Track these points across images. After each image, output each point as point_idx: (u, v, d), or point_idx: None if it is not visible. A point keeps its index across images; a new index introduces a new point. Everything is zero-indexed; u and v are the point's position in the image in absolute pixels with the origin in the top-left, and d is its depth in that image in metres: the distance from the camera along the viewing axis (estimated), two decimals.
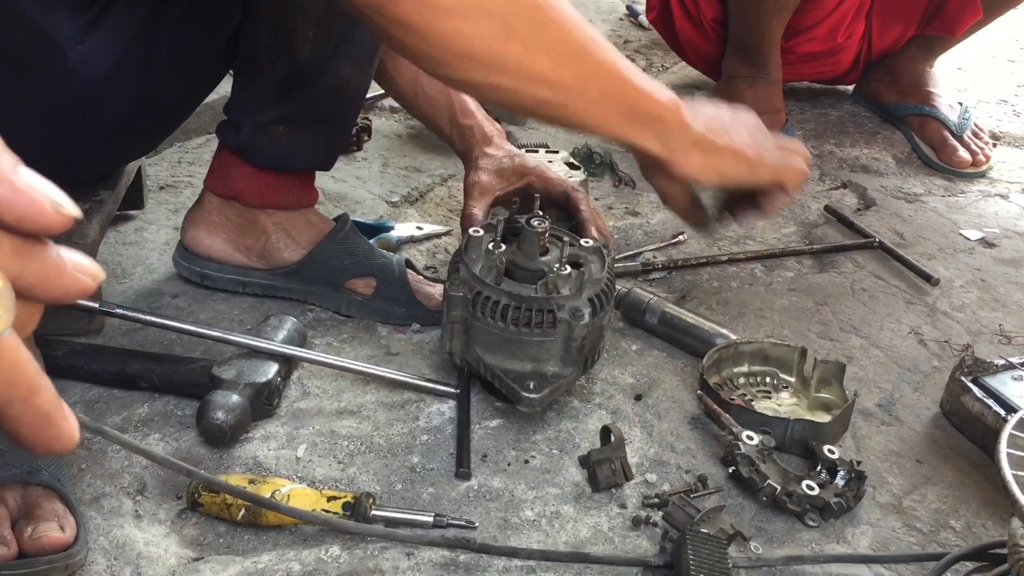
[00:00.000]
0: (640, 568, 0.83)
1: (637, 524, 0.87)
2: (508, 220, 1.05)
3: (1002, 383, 1.04)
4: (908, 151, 1.85)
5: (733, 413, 0.98)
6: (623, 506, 0.90)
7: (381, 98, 1.76)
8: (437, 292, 1.13)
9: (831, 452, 0.94)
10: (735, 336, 1.12)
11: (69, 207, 0.30)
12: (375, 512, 0.82)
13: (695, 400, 1.04)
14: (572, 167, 1.37)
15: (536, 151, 1.39)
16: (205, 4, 0.95)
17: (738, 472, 0.92)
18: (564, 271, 0.96)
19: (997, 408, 1.01)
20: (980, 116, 1.99)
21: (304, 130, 1.08)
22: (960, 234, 1.57)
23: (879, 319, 1.28)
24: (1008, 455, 0.69)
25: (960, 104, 1.89)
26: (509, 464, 0.94)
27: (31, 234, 0.30)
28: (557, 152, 1.41)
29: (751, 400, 1.05)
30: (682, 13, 1.89)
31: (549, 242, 1.00)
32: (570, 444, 0.97)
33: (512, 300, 0.94)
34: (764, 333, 1.21)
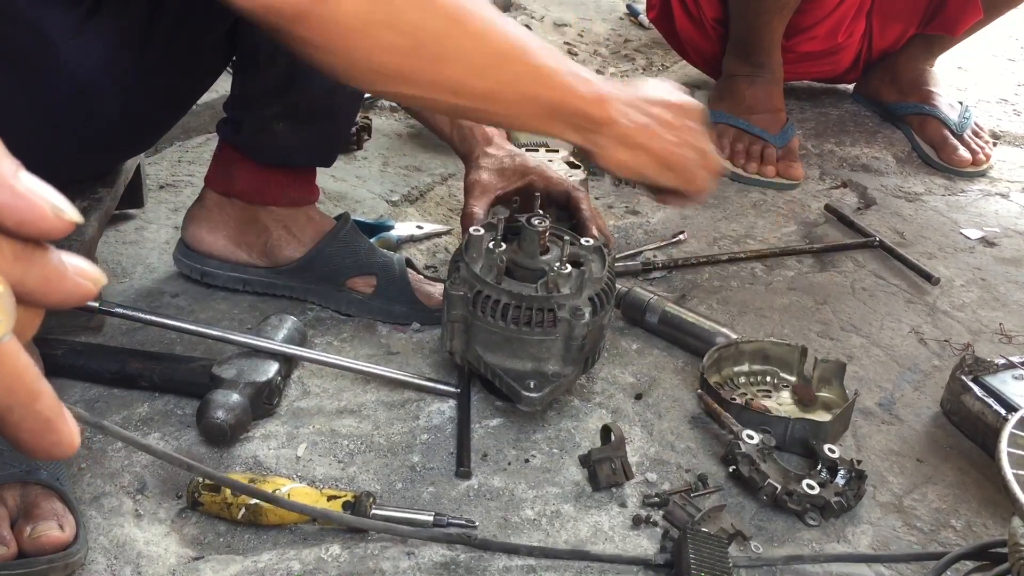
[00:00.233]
0: (641, 567, 0.83)
1: (637, 523, 0.87)
2: (509, 219, 1.05)
3: (1002, 382, 1.04)
4: (908, 150, 1.85)
5: (733, 412, 0.98)
6: (623, 505, 0.90)
7: (381, 97, 1.76)
8: (437, 291, 1.13)
9: (831, 451, 0.94)
10: (735, 335, 1.12)
11: (70, 212, 0.30)
12: (375, 511, 0.82)
13: (695, 399, 1.04)
14: (572, 166, 1.37)
15: (536, 150, 1.39)
16: None
17: (738, 471, 0.92)
18: (565, 270, 0.96)
19: (997, 407, 1.01)
20: (980, 115, 1.99)
21: (304, 126, 1.08)
22: (960, 233, 1.57)
23: (879, 318, 1.28)
24: (1008, 454, 0.69)
25: (960, 103, 1.89)
26: (509, 463, 0.94)
27: (32, 239, 0.30)
28: (557, 151, 1.41)
29: (750, 399, 1.05)
30: (682, 12, 1.89)
31: (550, 241, 1.00)
32: (570, 443, 0.97)
33: (513, 299, 0.94)
34: (764, 332, 1.21)
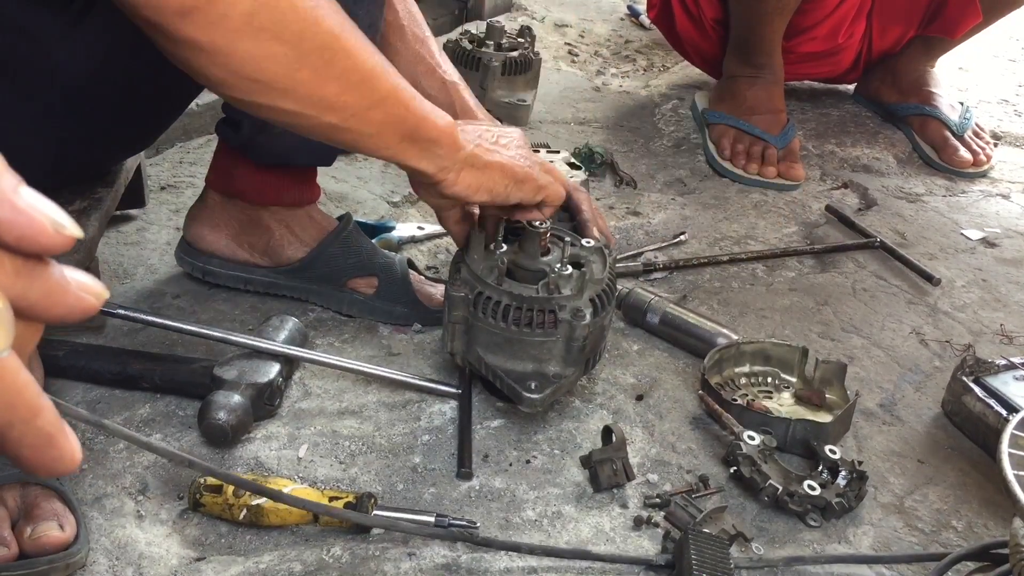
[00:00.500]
0: (642, 567, 0.83)
1: (639, 524, 0.87)
2: (510, 220, 1.05)
3: (1003, 383, 1.05)
4: (909, 151, 1.85)
5: (734, 413, 0.98)
6: (624, 506, 0.90)
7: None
8: (438, 292, 1.13)
9: (832, 452, 0.94)
10: (736, 336, 1.12)
11: (71, 228, 0.30)
12: (376, 512, 0.82)
13: (696, 400, 1.04)
14: (573, 167, 1.37)
15: (537, 151, 1.39)
16: None
17: (740, 472, 0.92)
18: (565, 271, 0.96)
19: (999, 408, 1.01)
20: (981, 116, 1.99)
21: None
22: (961, 234, 1.57)
23: (880, 319, 1.28)
24: (1010, 455, 0.69)
25: (961, 104, 1.89)
26: (510, 464, 0.94)
27: (33, 254, 0.30)
28: (558, 152, 1.41)
29: (752, 400, 1.05)
30: (683, 12, 1.89)
31: (550, 242, 1.00)
32: (571, 444, 0.97)
33: (513, 300, 0.94)
34: (765, 333, 1.21)
